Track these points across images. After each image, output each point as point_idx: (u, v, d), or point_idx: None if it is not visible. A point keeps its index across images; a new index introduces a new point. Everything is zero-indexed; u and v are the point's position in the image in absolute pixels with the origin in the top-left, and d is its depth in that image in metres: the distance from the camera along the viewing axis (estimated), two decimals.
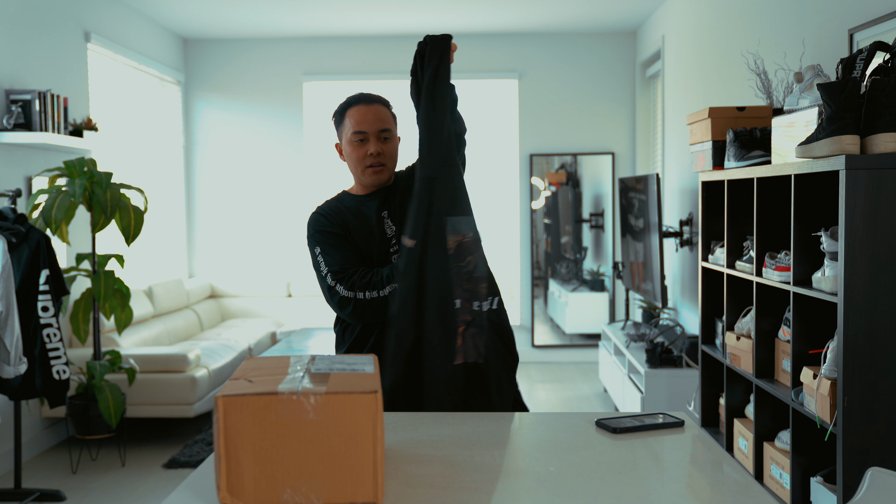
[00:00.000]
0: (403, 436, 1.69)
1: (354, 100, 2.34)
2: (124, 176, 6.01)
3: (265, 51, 7.54)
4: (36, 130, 4.59)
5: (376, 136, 2.30)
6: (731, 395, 3.49)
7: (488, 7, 6.51)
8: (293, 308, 7.30)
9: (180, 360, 5.00)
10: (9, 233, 3.85)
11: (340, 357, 1.53)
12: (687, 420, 1.81)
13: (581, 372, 6.95)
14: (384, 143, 2.31)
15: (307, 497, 1.29)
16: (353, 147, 2.31)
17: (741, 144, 3.24)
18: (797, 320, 2.76)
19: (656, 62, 6.85)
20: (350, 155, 2.32)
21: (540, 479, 1.45)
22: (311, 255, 2.30)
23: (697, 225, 3.94)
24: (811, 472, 2.82)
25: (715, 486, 1.49)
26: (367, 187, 2.37)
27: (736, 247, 3.41)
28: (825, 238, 2.50)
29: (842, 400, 2.37)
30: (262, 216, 7.63)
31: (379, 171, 2.31)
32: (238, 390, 1.30)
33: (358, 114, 2.31)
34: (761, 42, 4.15)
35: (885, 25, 2.89)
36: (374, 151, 2.29)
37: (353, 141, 2.30)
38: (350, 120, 2.31)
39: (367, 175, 2.31)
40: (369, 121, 2.30)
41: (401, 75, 7.47)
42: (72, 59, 5.41)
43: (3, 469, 4.46)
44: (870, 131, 2.31)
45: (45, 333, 3.96)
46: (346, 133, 2.32)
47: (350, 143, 2.31)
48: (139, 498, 4.10)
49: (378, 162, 2.30)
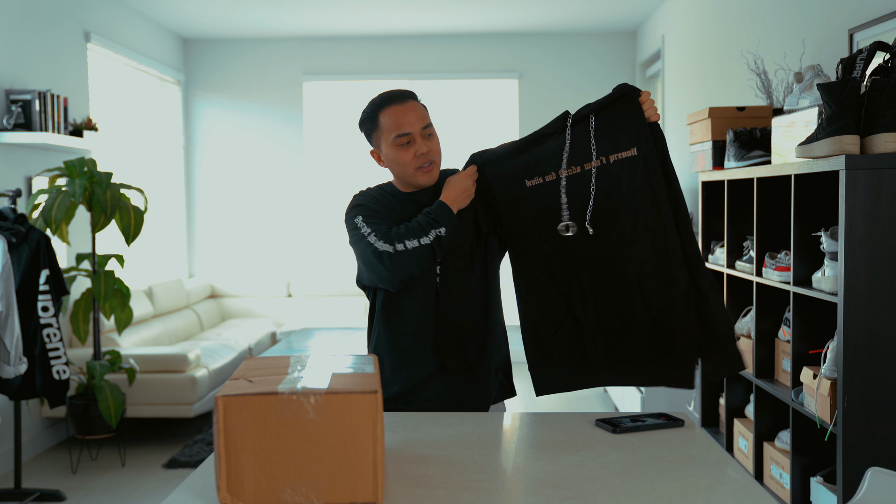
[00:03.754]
0: (403, 436, 1.69)
1: (386, 100, 2.19)
2: (124, 176, 6.01)
3: (265, 51, 7.54)
4: (36, 130, 4.59)
5: (420, 135, 2.16)
6: (731, 395, 3.49)
7: (488, 7, 6.51)
8: (293, 308, 7.30)
9: (180, 360, 5.00)
10: (9, 233, 3.85)
11: (340, 357, 1.53)
12: (687, 420, 1.81)
13: None
14: (429, 139, 2.18)
15: (307, 497, 1.29)
16: (397, 151, 2.16)
17: (741, 144, 3.24)
18: (797, 320, 2.76)
19: (656, 62, 6.85)
20: (395, 159, 2.17)
21: (540, 479, 1.45)
22: (350, 229, 2.15)
23: (697, 225, 3.95)
24: (811, 472, 2.82)
25: (715, 486, 1.49)
26: (411, 187, 2.24)
27: (736, 247, 3.41)
28: (825, 238, 2.50)
29: (842, 400, 2.37)
30: (262, 216, 7.63)
31: (430, 169, 2.17)
32: (238, 390, 1.30)
33: (396, 114, 2.16)
34: (761, 42, 4.15)
35: (885, 25, 2.89)
36: (424, 151, 2.15)
37: (397, 144, 2.15)
38: (388, 122, 2.16)
39: (418, 177, 2.17)
40: (411, 120, 2.16)
41: (401, 75, 7.48)
42: (72, 59, 5.41)
43: (3, 469, 4.46)
44: (870, 131, 2.31)
45: (45, 333, 3.96)
46: (387, 137, 2.16)
47: (394, 147, 2.16)
48: (139, 498, 4.10)
49: (428, 160, 2.16)
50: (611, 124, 2.03)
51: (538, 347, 2.09)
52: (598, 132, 2.04)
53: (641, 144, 2.00)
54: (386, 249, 2.06)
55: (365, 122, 2.22)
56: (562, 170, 2.06)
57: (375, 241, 2.07)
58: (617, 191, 2.02)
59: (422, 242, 2.06)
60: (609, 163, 2.02)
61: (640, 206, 2.01)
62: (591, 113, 2.05)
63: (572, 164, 2.06)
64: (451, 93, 7.55)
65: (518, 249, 2.12)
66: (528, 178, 2.09)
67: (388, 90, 2.21)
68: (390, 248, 2.06)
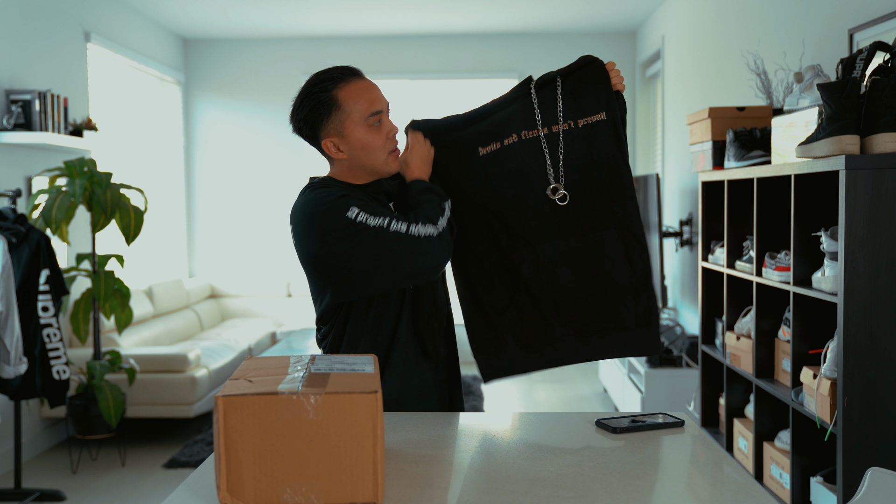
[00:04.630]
0: (403, 436, 1.69)
1: (338, 77, 1.88)
2: (124, 176, 6.01)
3: (265, 51, 7.54)
4: (36, 130, 4.59)
5: (386, 113, 1.92)
6: (731, 395, 3.49)
7: (488, 7, 6.51)
8: (293, 308, 7.30)
9: (180, 360, 5.00)
10: (9, 233, 3.85)
11: (340, 357, 1.53)
12: (687, 420, 1.81)
13: (581, 372, 6.94)
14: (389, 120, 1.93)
15: (307, 497, 1.29)
16: (370, 133, 1.87)
17: (741, 144, 3.24)
18: (797, 320, 2.76)
19: (656, 62, 6.85)
20: (365, 144, 1.87)
21: (540, 479, 1.45)
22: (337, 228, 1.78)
23: (697, 225, 3.94)
24: (811, 472, 2.82)
25: (715, 486, 1.49)
26: (373, 176, 1.95)
27: (736, 247, 3.41)
28: (825, 238, 2.50)
29: (842, 400, 2.37)
30: (263, 216, 7.63)
31: (398, 154, 1.93)
32: (238, 390, 1.30)
33: (361, 91, 1.87)
34: (761, 42, 4.15)
35: (885, 25, 2.89)
36: (395, 131, 1.91)
37: (370, 124, 1.87)
38: (355, 101, 1.86)
39: (390, 163, 1.91)
40: (379, 96, 1.90)
41: (401, 75, 7.48)
42: (72, 59, 5.41)
43: (3, 469, 4.46)
44: (870, 131, 2.31)
45: (45, 333, 3.96)
46: (355, 118, 1.86)
47: (366, 129, 1.87)
48: (139, 498, 4.10)
49: (395, 143, 1.92)
50: (578, 89, 1.95)
51: (483, 329, 1.94)
52: (566, 96, 1.94)
53: (610, 109, 1.92)
54: (428, 233, 1.79)
55: (319, 106, 1.86)
56: (531, 131, 1.92)
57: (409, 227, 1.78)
58: (589, 154, 1.92)
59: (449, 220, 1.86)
60: (578, 127, 1.93)
61: (615, 170, 1.91)
62: (558, 77, 1.96)
63: (545, 125, 1.92)
64: (451, 93, 7.55)
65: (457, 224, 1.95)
66: (483, 146, 1.94)
67: (327, 69, 1.90)
68: (433, 229, 1.80)
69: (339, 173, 1.95)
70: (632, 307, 1.91)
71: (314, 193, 1.86)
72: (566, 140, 1.92)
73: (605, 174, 1.92)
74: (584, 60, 1.97)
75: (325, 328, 1.95)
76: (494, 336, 1.94)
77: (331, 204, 1.81)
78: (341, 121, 1.86)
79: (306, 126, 1.90)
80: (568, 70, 1.96)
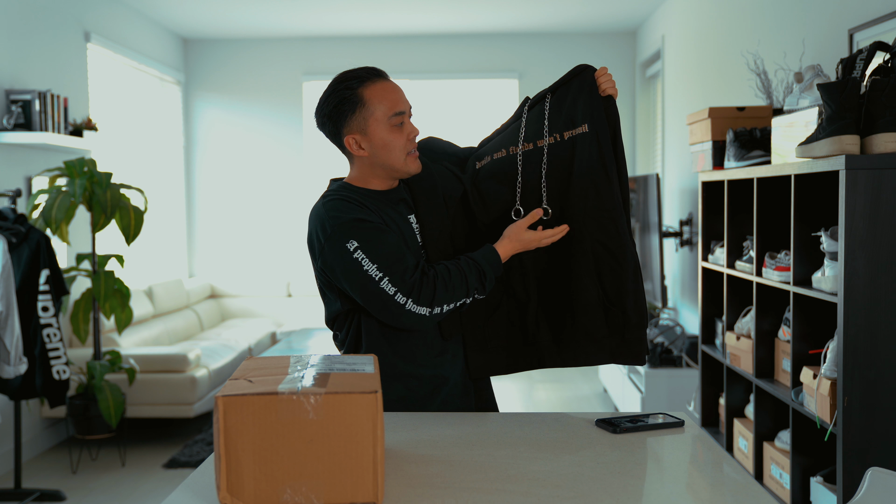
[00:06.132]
0: (403, 436, 1.69)
1: (365, 76, 1.92)
2: (124, 176, 6.01)
3: (265, 51, 7.54)
4: (36, 130, 4.59)
5: (409, 116, 1.95)
6: (731, 395, 3.49)
7: (488, 7, 6.51)
8: (293, 308, 7.30)
9: (180, 360, 5.00)
10: (9, 233, 3.85)
11: (340, 357, 1.53)
12: (687, 420, 1.81)
13: (581, 372, 6.94)
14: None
15: (307, 497, 1.29)
16: (392, 132, 1.90)
17: (741, 144, 3.24)
18: (797, 320, 2.76)
19: (656, 62, 6.85)
20: (387, 144, 1.90)
21: (540, 479, 1.45)
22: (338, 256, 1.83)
23: (697, 225, 3.94)
24: (811, 472, 2.82)
25: (715, 486, 1.49)
26: (394, 181, 1.98)
27: (736, 247, 3.41)
28: (825, 238, 2.50)
29: (842, 400, 2.37)
30: (262, 216, 7.63)
31: (416, 155, 1.96)
32: (238, 390, 1.30)
33: (386, 91, 1.90)
34: (761, 42, 4.15)
35: (885, 25, 2.89)
36: (416, 132, 1.94)
37: (392, 124, 1.89)
38: (380, 100, 1.89)
39: (409, 163, 1.93)
40: (403, 98, 1.92)
41: (401, 75, 7.47)
42: (72, 59, 5.41)
43: (3, 469, 4.46)
44: (870, 131, 2.31)
45: (45, 333, 3.96)
46: (379, 117, 1.89)
47: (388, 129, 1.89)
48: (139, 498, 4.10)
49: (414, 145, 1.95)
50: (564, 102, 1.99)
51: (473, 328, 2.02)
52: (553, 110, 1.99)
53: (594, 120, 1.94)
54: (417, 311, 1.81)
55: (344, 102, 1.89)
56: (514, 146, 1.99)
57: (398, 295, 1.80)
58: (570, 168, 1.95)
59: (463, 302, 1.88)
60: (563, 139, 1.96)
61: (594, 184, 1.93)
62: (547, 93, 2.02)
63: (526, 141, 1.98)
64: (451, 93, 7.55)
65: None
66: (479, 160, 2.05)
67: (354, 68, 1.95)
68: (425, 310, 1.82)
69: (359, 175, 1.97)
70: (601, 321, 1.96)
71: (329, 206, 1.89)
72: (550, 154, 1.97)
73: (582, 187, 1.95)
74: (575, 71, 2.02)
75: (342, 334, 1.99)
76: (484, 336, 2.03)
77: (336, 228, 1.84)
78: (365, 118, 1.89)
79: (330, 122, 1.92)
80: (558, 84, 2.02)
